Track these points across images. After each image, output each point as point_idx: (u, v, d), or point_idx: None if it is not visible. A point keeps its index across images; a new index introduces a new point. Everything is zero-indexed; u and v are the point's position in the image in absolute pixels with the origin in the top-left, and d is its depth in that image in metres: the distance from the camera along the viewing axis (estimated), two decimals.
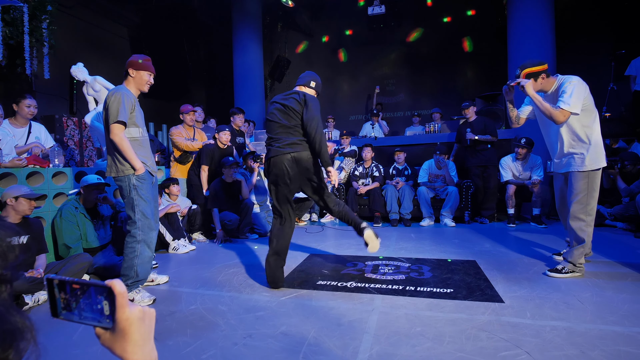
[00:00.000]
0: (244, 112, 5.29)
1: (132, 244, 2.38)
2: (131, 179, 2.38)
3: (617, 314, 1.89)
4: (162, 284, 2.66)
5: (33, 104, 3.35)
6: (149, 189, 2.45)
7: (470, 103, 5.07)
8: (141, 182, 2.40)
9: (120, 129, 2.31)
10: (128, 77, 2.48)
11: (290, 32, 9.89)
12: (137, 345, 0.52)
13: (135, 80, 2.49)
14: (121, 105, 2.30)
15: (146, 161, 2.49)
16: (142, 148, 2.49)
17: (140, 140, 2.48)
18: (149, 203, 2.43)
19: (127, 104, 2.34)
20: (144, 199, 2.41)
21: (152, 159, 2.61)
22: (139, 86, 2.51)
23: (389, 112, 9.34)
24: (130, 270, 2.35)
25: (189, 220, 4.22)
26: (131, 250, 2.37)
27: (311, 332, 1.79)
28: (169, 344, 1.73)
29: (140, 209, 2.39)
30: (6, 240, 0.44)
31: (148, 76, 2.51)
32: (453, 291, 2.31)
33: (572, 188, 2.53)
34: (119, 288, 0.50)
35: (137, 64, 2.46)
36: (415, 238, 4.06)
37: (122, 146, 2.32)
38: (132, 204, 2.39)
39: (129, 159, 2.34)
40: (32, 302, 2.27)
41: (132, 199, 2.39)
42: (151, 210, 2.44)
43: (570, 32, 7.15)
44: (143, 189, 2.41)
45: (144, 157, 2.48)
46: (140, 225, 2.38)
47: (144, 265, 2.39)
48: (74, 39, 6.84)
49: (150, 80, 2.54)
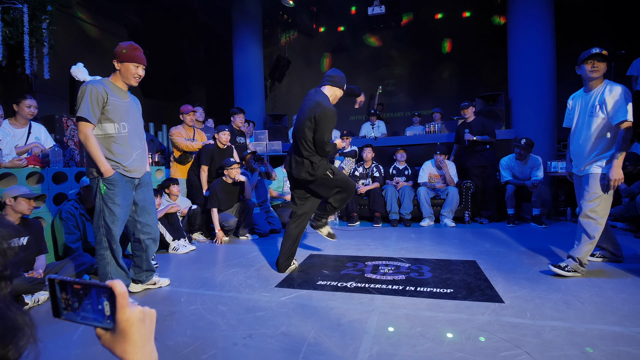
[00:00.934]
0: (244, 112, 5.29)
1: (100, 251, 2.28)
2: (99, 182, 2.20)
3: (617, 314, 1.89)
4: (164, 286, 2.63)
5: (33, 104, 3.35)
6: (118, 195, 2.23)
7: (469, 103, 5.08)
8: (108, 187, 2.20)
9: (85, 126, 2.13)
10: (115, 70, 2.27)
11: (290, 32, 9.88)
12: (137, 346, 0.52)
13: (121, 73, 2.25)
14: (84, 101, 2.11)
15: (122, 161, 2.27)
16: (119, 146, 2.26)
17: (115, 137, 2.25)
18: (114, 211, 2.23)
19: (92, 99, 2.13)
20: (109, 207, 2.21)
21: (137, 157, 2.38)
22: (126, 79, 2.27)
23: (389, 112, 9.34)
24: (105, 278, 2.28)
25: (188, 221, 4.22)
26: (101, 257, 2.29)
27: (311, 332, 1.79)
28: (169, 344, 1.73)
29: (104, 217, 2.22)
30: (6, 238, 0.44)
31: (134, 68, 2.24)
32: (453, 291, 2.31)
33: (588, 188, 2.55)
34: (119, 288, 0.50)
35: (121, 55, 2.21)
36: (415, 238, 4.06)
37: (86, 145, 2.14)
38: (98, 210, 2.23)
39: (94, 159, 2.15)
40: (32, 302, 2.26)
41: (97, 204, 2.22)
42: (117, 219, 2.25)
43: (570, 32, 7.15)
44: (109, 195, 2.21)
45: (120, 156, 2.26)
46: (104, 232, 2.24)
47: (117, 271, 2.34)
48: (74, 39, 6.84)
49: (137, 72, 2.26)
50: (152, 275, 2.60)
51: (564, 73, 6.61)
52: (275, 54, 9.68)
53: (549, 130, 5.58)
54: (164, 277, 2.72)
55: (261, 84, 8.07)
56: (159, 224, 3.62)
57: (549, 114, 5.58)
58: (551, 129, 5.60)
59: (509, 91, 5.94)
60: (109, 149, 2.25)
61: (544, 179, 4.74)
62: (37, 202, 2.51)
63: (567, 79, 7.11)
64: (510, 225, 4.61)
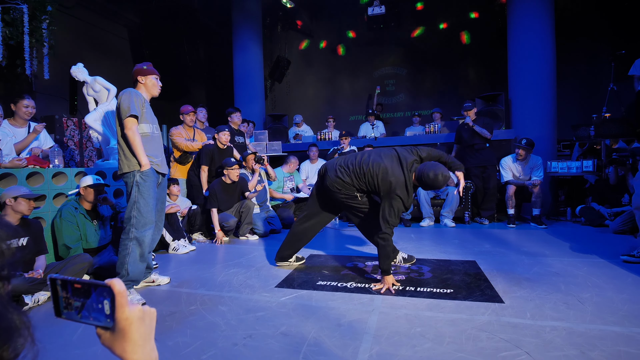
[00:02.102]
0: (240, 111, 5.30)
1: (124, 241, 2.40)
2: (135, 175, 2.40)
3: (617, 314, 1.89)
4: (163, 284, 2.65)
5: (31, 104, 3.34)
6: (151, 187, 2.45)
7: (472, 104, 5.08)
8: (144, 180, 2.42)
9: (133, 122, 2.38)
10: (138, 83, 2.57)
11: (290, 33, 9.89)
12: (136, 345, 0.52)
13: (145, 86, 2.57)
14: (131, 100, 2.38)
15: (154, 158, 2.52)
16: (152, 144, 2.54)
17: (150, 136, 2.54)
18: (148, 202, 2.42)
19: (137, 101, 2.43)
20: (144, 197, 2.41)
21: (162, 158, 2.64)
22: (150, 91, 2.60)
23: (389, 112, 9.34)
24: (122, 268, 2.35)
25: (189, 221, 4.22)
26: (124, 247, 2.39)
27: (311, 333, 1.79)
28: (169, 344, 1.73)
29: (137, 206, 2.39)
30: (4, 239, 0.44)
31: (155, 79, 2.60)
32: (453, 291, 2.31)
33: None
34: (118, 287, 0.50)
35: (143, 71, 2.55)
36: (415, 238, 4.06)
37: (133, 140, 2.37)
38: (132, 201, 2.40)
39: (137, 153, 2.38)
40: (32, 302, 2.26)
41: (132, 195, 2.41)
42: (150, 209, 2.43)
43: (571, 32, 7.15)
44: (144, 187, 2.42)
45: (153, 153, 2.52)
46: (134, 222, 2.38)
47: (135, 265, 2.39)
48: (74, 39, 6.84)
49: (159, 83, 2.63)
50: (150, 272, 2.64)
51: (564, 73, 6.62)
52: (275, 54, 9.69)
53: (549, 131, 5.58)
54: (164, 276, 2.72)
55: (261, 84, 8.07)
56: None
57: (549, 114, 5.57)
58: (551, 129, 5.60)
59: (509, 91, 5.94)
60: (145, 146, 2.46)
61: (544, 179, 4.74)
62: (36, 202, 2.51)
63: (567, 79, 7.14)
64: (510, 226, 4.61)
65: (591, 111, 5.63)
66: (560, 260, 2.96)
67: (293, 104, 9.89)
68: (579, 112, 7.23)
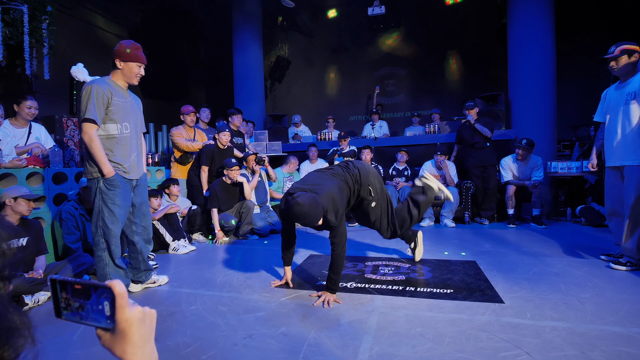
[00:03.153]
0: (241, 112, 5.30)
1: (98, 252, 2.27)
2: (99, 182, 2.20)
3: (617, 314, 1.89)
4: (163, 284, 2.65)
5: (34, 105, 3.35)
6: (118, 195, 2.25)
7: (474, 104, 5.08)
8: (108, 188, 2.21)
9: (90, 127, 2.13)
10: (115, 68, 2.27)
11: (290, 33, 9.89)
12: (137, 347, 0.52)
13: (123, 72, 2.27)
14: (90, 101, 2.12)
15: (122, 162, 2.28)
16: (120, 147, 2.28)
17: (117, 138, 2.27)
18: (113, 211, 2.24)
19: (98, 99, 2.14)
20: (109, 207, 2.22)
21: (137, 160, 2.40)
22: (128, 79, 2.30)
23: (389, 112, 9.34)
24: (104, 279, 2.28)
25: (189, 221, 4.22)
26: (99, 259, 2.28)
27: (311, 333, 1.79)
28: (169, 344, 1.73)
29: (102, 217, 2.22)
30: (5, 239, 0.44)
31: (138, 67, 2.27)
32: (453, 292, 2.31)
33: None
34: (118, 289, 0.50)
35: (124, 55, 2.23)
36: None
37: (90, 146, 2.14)
38: (97, 210, 2.23)
39: (97, 161, 2.16)
40: (32, 302, 2.26)
41: (96, 204, 2.22)
42: (115, 220, 2.27)
43: (570, 32, 7.15)
44: (109, 195, 2.22)
45: (120, 157, 2.28)
46: (101, 233, 2.24)
47: (117, 273, 2.33)
48: (74, 39, 6.84)
49: (140, 71, 2.30)
50: (151, 274, 2.62)
51: (564, 73, 6.62)
52: (275, 54, 9.69)
53: (549, 131, 5.58)
54: (162, 275, 2.72)
55: (261, 85, 8.08)
56: (158, 224, 3.62)
57: (549, 114, 5.57)
58: (551, 129, 5.60)
59: (509, 91, 5.94)
60: (110, 150, 2.26)
61: (544, 180, 4.74)
62: (36, 203, 2.51)
63: (567, 79, 7.14)
64: (510, 226, 4.61)
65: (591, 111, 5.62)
66: (560, 260, 2.96)
67: (293, 104, 9.89)
68: (579, 112, 7.23)
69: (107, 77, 2.29)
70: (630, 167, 2.62)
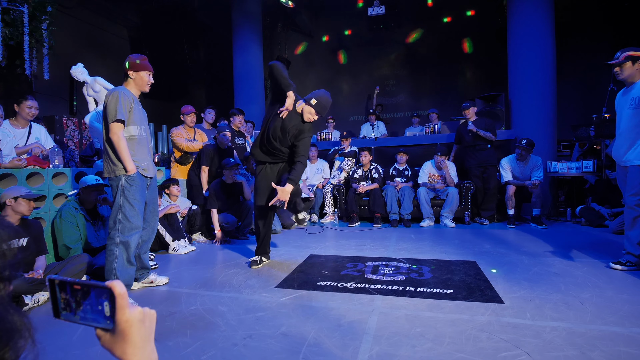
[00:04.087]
0: (243, 113, 5.29)
1: (110, 246, 2.37)
2: (121, 179, 2.37)
3: (617, 314, 1.89)
4: (162, 285, 2.65)
5: (34, 105, 3.35)
6: (138, 191, 2.41)
7: (470, 104, 5.07)
8: (130, 184, 2.38)
9: (119, 127, 2.33)
10: (128, 78, 2.49)
11: (290, 33, 9.89)
12: (137, 347, 0.52)
13: (135, 82, 2.49)
14: (119, 104, 2.32)
15: (141, 162, 2.47)
16: (139, 147, 2.49)
17: (137, 139, 2.48)
18: (134, 206, 2.40)
19: (125, 103, 2.35)
20: (130, 202, 2.38)
21: (150, 160, 2.59)
22: (140, 87, 2.52)
23: (389, 112, 9.34)
24: (110, 274, 2.34)
25: (188, 221, 4.22)
26: (110, 253, 2.37)
27: (311, 333, 1.79)
28: (169, 344, 1.73)
29: (123, 211, 2.37)
30: (5, 239, 0.44)
31: (147, 76, 2.51)
32: (453, 292, 2.31)
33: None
34: (119, 289, 0.50)
35: (135, 66, 2.46)
36: (415, 239, 4.06)
37: (118, 145, 2.32)
38: (117, 205, 2.37)
39: (122, 159, 2.34)
40: (31, 302, 2.26)
41: (118, 200, 2.38)
42: (136, 214, 2.41)
43: (570, 32, 7.15)
44: (131, 191, 2.38)
45: (140, 157, 2.46)
46: (119, 227, 2.36)
47: (124, 269, 2.38)
48: (74, 39, 6.84)
49: (150, 79, 2.53)
50: (148, 273, 2.65)
51: (564, 73, 6.62)
52: (276, 54, 9.69)
53: (549, 131, 5.58)
54: (163, 276, 2.72)
55: (261, 85, 8.08)
56: (158, 225, 3.63)
57: (549, 114, 5.57)
58: (551, 129, 5.60)
59: (509, 91, 5.94)
60: (132, 150, 2.42)
61: (544, 180, 4.74)
62: (36, 202, 2.52)
63: (567, 80, 7.14)
64: (510, 226, 4.61)
65: (591, 111, 5.62)
66: (560, 260, 2.97)
67: None
68: (579, 112, 7.24)
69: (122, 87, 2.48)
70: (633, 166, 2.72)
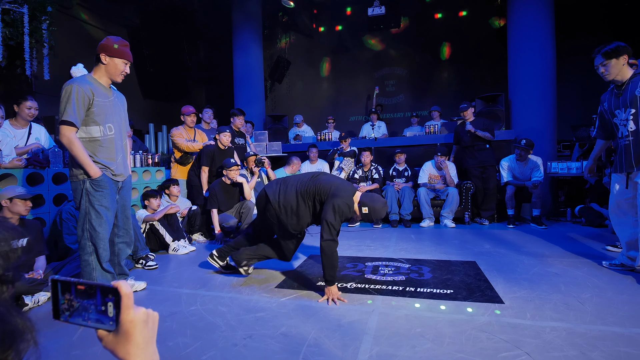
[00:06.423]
0: (244, 114, 5.29)
1: (84, 256, 2.18)
2: (85, 183, 2.12)
3: (617, 314, 1.89)
4: (139, 290, 2.50)
5: (34, 106, 3.35)
6: (105, 197, 2.17)
7: (468, 105, 5.07)
8: (95, 189, 2.13)
9: (69, 130, 2.03)
10: (99, 63, 2.14)
11: (290, 33, 9.90)
12: (139, 348, 0.52)
13: (107, 68, 2.15)
14: (70, 102, 2.02)
15: (108, 164, 2.21)
16: (104, 149, 2.19)
17: (101, 141, 2.17)
18: (102, 213, 2.16)
19: (79, 100, 2.04)
20: (96, 209, 2.14)
21: (123, 160, 2.33)
22: (112, 75, 2.18)
23: (389, 113, 9.34)
24: None
25: (189, 221, 4.22)
26: (86, 264, 2.19)
27: (311, 333, 1.79)
28: (169, 344, 1.73)
29: (89, 219, 2.14)
30: (8, 240, 0.44)
31: (124, 65, 2.17)
32: (453, 292, 2.31)
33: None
34: (125, 289, 0.50)
35: (111, 49, 2.11)
36: (415, 239, 4.06)
37: (71, 149, 2.06)
38: (83, 212, 2.14)
39: (81, 162, 2.07)
40: (32, 303, 2.26)
41: (83, 206, 2.13)
42: (103, 222, 2.18)
43: (570, 31, 7.15)
44: (96, 197, 2.14)
45: (105, 159, 2.20)
46: (88, 236, 2.16)
47: (104, 277, 2.25)
48: (74, 39, 6.84)
49: (125, 69, 2.19)
50: (126, 278, 2.51)
51: (564, 73, 6.62)
52: (276, 54, 9.70)
53: (549, 131, 5.58)
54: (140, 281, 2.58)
55: (261, 85, 8.08)
56: (158, 225, 3.63)
57: (549, 114, 5.58)
58: (551, 129, 5.60)
59: (509, 92, 5.94)
60: (94, 153, 2.17)
61: (544, 180, 4.74)
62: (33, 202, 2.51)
63: (567, 80, 7.14)
64: (510, 226, 4.61)
65: (591, 111, 5.62)
66: (560, 260, 2.97)
67: (293, 104, 9.89)
68: (579, 112, 7.23)
69: (88, 75, 2.18)
70: None
